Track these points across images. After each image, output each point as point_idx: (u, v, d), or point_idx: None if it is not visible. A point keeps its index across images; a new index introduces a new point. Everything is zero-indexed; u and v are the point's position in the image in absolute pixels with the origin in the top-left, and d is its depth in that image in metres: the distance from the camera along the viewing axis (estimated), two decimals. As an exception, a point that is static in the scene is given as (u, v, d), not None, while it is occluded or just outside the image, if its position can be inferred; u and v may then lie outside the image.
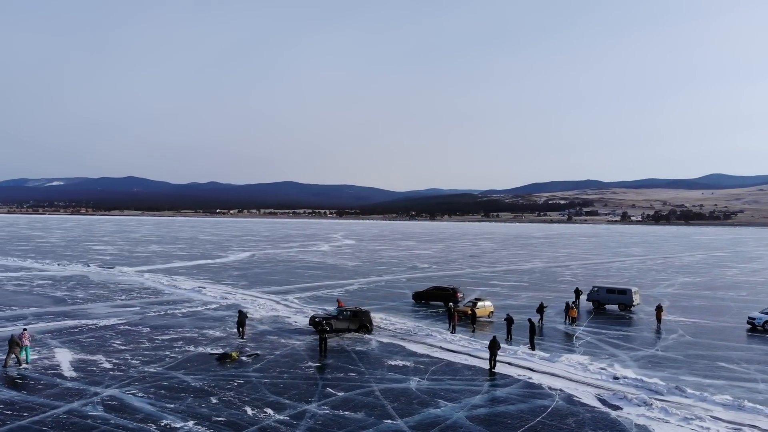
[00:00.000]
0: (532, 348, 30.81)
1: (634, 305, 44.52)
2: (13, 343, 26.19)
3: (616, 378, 25.78)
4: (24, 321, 36.22)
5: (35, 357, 27.67)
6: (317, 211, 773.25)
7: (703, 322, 40.72)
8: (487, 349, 27.52)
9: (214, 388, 23.61)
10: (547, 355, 29.60)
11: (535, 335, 31.30)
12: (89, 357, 28.07)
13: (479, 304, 40.36)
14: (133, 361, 27.44)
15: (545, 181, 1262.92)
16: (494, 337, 27.76)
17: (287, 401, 22.08)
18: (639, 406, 22.09)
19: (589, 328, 37.99)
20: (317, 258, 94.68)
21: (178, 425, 19.44)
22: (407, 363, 28.02)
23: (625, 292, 44.83)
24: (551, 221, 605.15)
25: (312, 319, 34.95)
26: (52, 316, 38.25)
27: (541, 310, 39.39)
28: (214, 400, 22.03)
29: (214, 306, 43.71)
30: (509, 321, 33.28)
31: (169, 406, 21.32)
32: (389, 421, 20.08)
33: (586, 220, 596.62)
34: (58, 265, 73.78)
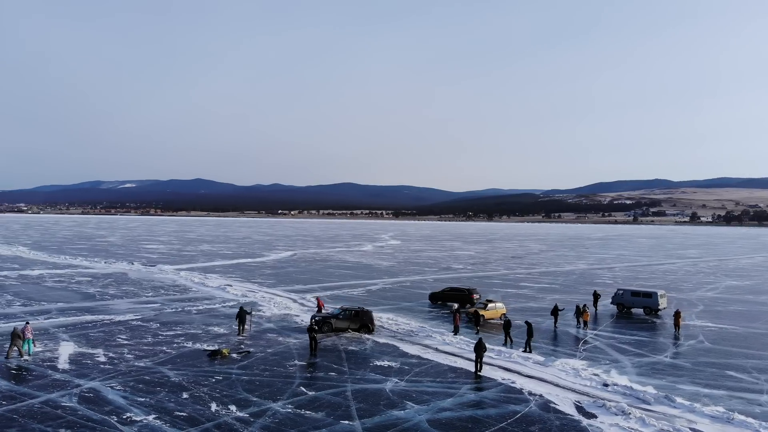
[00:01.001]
0: (529, 351, 29.81)
1: (660, 309, 42.32)
2: (15, 336, 27.46)
3: (605, 385, 24.52)
4: (46, 315, 38.10)
5: (39, 349, 28.93)
6: (374, 211, 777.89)
7: (731, 327, 38.24)
8: (473, 351, 26.80)
9: (191, 383, 23.99)
10: (542, 359, 28.51)
11: (531, 338, 30.26)
12: (89, 351, 29.08)
13: (489, 305, 39.42)
14: (128, 356, 28.25)
15: (611, 181, 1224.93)
16: (480, 339, 26.99)
17: (255, 399, 22.15)
18: (616, 415, 20.92)
19: (604, 332, 36.36)
20: (354, 258, 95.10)
21: (138, 418, 19.83)
22: (393, 364, 27.61)
23: (651, 295, 42.67)
24: (616, 222, 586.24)
25: (312, 318, 35.07)
26: (75, 312, 39.95)
27: (555, 312, 38.05)
28: (185, 395, 22.36)
29: (231, 303, 44.53)
30: (507, 324, 32.27)
31: (139, 399, 21.81)
32: (346, 422, 19.80)
33: (653, 221, 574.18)
34: (105, 263, 77.11)
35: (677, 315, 36.21)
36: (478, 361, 26.35)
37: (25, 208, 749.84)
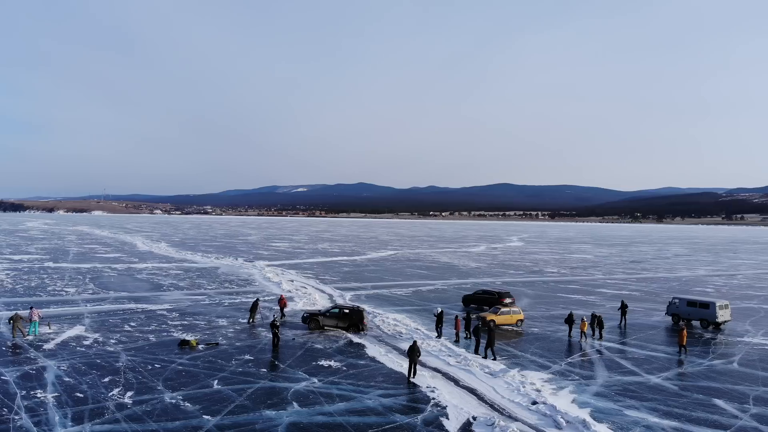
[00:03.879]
0: (493, 357, 27.27)
1: (719, 322, 36.06)
2: (17, 318, 31.12)
3: (534, 403, 21.59)
4: (95, 302, 42.62)
5: (49, 331, 32.33)
6: (528, 213, 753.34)
7: (793, 349, 31.38)
8: (406, 356, 25.11)
9: (128, 369, 25.28)
10: (499, 368, 25.81)
11: (493, 345, 27.54)
12: (88, 335, 31.87)
13: (503, 310, 36.55)
14: (112, 341, 30.55)
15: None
16: (414, 342, 25.16)
17: (161, 388, 22.77)
18: (495, 436, 18.37)
19: (621, 346, 31.86)
20: (449, 258, 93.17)
21: (40, 396, 21.45)
22: (336, 364, 26.73)
23: (708, 306, 36.52)
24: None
25: (305, 315, 35.26)
26: (124, 300, 44.12)
27: (570, 321, 34.35)
28: (106, 380, 23.66)
29: (270, 298, 46.18)
30: (476, 329, 29.65)
31: (65, 379, 23.53)
32: (207, 417, 19.64)
33: None
34: (215, 258, 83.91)
35: (681, 332, 30.31)
36: (412, 365, 24.65)
37: (210, 211, 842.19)
